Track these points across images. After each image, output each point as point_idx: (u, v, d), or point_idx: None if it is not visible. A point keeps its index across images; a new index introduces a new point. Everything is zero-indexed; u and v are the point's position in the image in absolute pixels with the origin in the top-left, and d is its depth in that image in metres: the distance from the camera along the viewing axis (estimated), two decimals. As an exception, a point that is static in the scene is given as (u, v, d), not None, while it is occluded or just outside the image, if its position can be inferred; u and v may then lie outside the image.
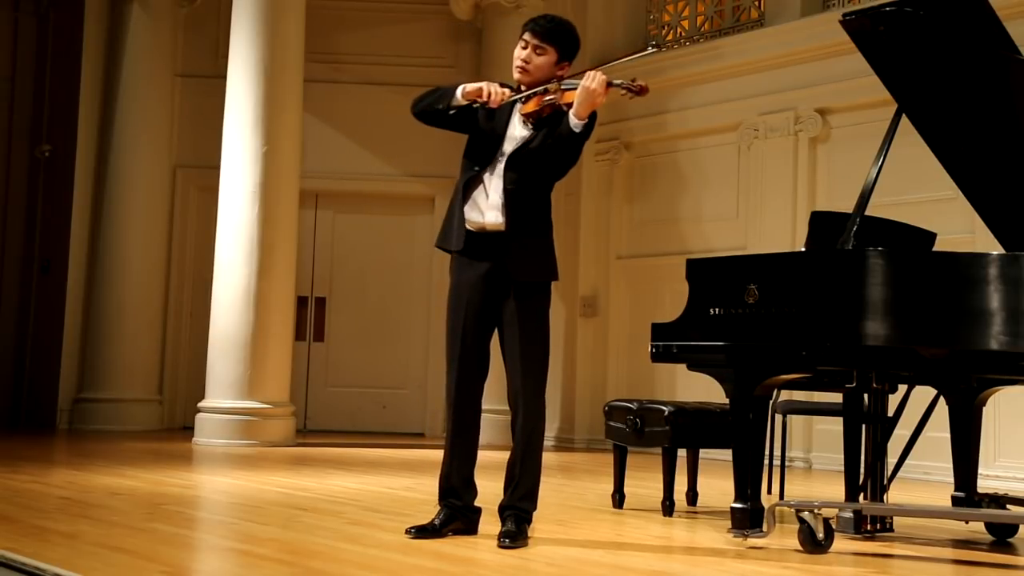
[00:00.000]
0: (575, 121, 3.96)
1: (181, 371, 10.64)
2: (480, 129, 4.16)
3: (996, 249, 4.54)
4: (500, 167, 4.08)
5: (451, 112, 4.13)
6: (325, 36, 10.62)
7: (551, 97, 4.04)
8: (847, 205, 4.50)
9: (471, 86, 4.10)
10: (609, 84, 3.95)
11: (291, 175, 9.11)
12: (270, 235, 8.88)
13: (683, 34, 10.18)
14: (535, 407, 4.07)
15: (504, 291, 4.08)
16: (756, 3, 9.63)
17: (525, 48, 4.13)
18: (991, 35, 4.13)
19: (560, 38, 4.14)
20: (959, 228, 7.26)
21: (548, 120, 4.07)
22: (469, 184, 4.11)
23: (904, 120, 4.44)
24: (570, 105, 4.00)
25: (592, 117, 4.00)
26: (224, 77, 9.20)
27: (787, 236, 8.66)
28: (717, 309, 4.30)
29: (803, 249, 4.77)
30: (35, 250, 10.93)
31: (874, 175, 4.30)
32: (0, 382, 10.89)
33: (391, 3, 11.06)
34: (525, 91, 4.13)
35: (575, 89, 4.00)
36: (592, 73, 3.95)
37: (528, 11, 10.16)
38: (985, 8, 4.12)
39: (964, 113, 4.45)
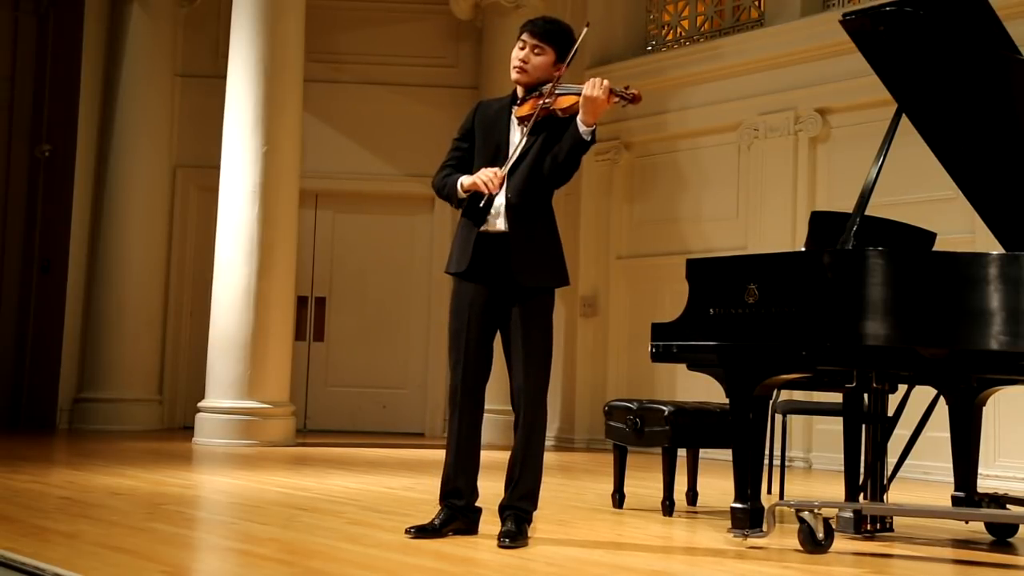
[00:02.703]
0: (584, 129, 3.95)
1: (181, 371, 10.65)
2: (481, 147, 4.17)
3: (996, 249, 4.54)
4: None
5: (463, 204, 4.12)
6: (325, 36, 10.63)
7: (546, 101, 4.03)
8: (847, 205, 4.50)
9: (467, 182, 4.06)
10: (611, 92, 3.93)
11: (291, 175, 9.11)
12: (270, 235, 8.89)
13: (683, 34, 10.18)
14: (537, 407, 4.07)
15: (509, 294, 4.08)
16: (756, 3, 9.62)
17: (523, 48, 4.13)
18: (991, 35, 4.13)
19: (558, 38, 4.13)
20: (959, 228, 7.26)
21: (542, 125, 4.06)
22: (474, 198, 4.06)
23: (904, 120, 4.44)
24: (565, 111, 4.00)
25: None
26: (224, 77, 9.20)
27: (787, 236, 8.66)
28: (717, 309, 4.30)
29: (803, 249, 4.77)
30: (35, 250, 10.93)
31: (874, 175, 4.30)
32: (0, 382, 10.89)
33: (391, 3, 11.06)
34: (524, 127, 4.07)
35: (569, 94, 4.00)
36: (595, 80, 3.94)
37: (528, 11, 10.16)
38: (985, 8, 4.12)
39: (964, 113, 4.45)
